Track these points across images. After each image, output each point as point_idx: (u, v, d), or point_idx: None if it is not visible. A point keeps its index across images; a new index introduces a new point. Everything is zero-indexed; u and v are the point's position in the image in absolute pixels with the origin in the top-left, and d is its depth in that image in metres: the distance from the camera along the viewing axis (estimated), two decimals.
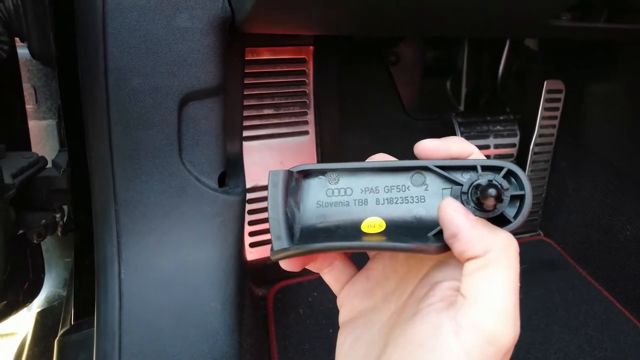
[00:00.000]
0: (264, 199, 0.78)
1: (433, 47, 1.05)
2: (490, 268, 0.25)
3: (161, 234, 0.51)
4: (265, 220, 0.79)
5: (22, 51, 0.54)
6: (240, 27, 0.47)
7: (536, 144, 0.99)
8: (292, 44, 0.77)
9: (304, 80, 0.78)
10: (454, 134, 0.97)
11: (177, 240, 0.51)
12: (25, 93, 0.59)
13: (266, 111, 0.76)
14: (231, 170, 0.57)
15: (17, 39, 0.52)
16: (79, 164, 0.57)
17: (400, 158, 0.30)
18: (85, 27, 0.42)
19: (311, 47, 0.79)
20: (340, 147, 0.92)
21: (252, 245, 0.78)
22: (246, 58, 0.74)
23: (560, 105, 1.00)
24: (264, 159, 0.77)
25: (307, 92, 0.79)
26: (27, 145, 0.61)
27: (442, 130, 1.03)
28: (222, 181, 0.53)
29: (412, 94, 1.05)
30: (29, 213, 0.58)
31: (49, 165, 0.59)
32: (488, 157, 0.96)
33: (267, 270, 0.81)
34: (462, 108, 1.06)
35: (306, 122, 0.79)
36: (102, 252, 0.50)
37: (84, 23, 0.42)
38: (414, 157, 0.30)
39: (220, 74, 0.47)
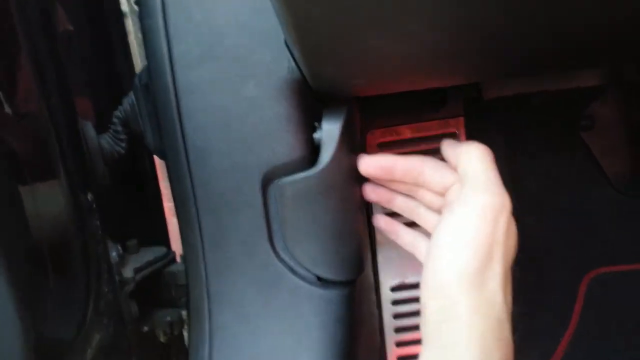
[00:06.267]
0: (415, 300, 0.65)
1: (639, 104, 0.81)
2: None
3: (255, 335, 0.44)
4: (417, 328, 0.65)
5: None
6: (323, 88, 0.41)
7: None
8: (436, 117, 0.67)
9: None
10: None
11: (272, 345, 0.44)
12: (165, 191, 0.62)
13: None
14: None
15: None
16: None
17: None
18: (163, 109, 0.42)
19: (461, 119, 0.68)
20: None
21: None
22: (384, 140, 0.67)
23: None
24: None
25: None
26: (166, 242, 0.63)
27: None
28: None
29: (618, 164, 0.81)
30: (156, 310, 0.58)
31: (179, 260, 0.60)
32: None
33: None
34: None
35: None
36: (194, 357, 0.45)
37: (161, 105, 0.42)
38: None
39: (302, 145, 0.41)
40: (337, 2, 0.26)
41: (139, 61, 0.57)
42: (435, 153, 0.67)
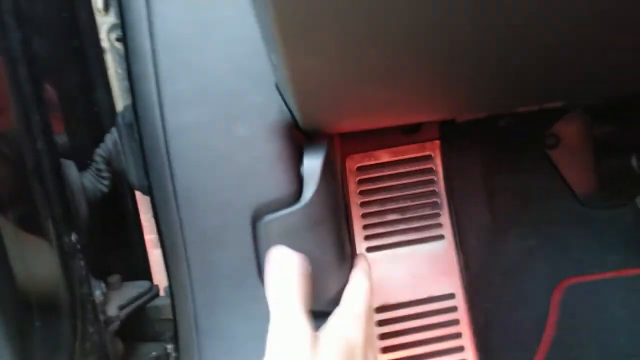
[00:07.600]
0: (398, 319, 0.66)
1: (602, 121, 0.86)
2: None
3: None
4: (405, 346, 0.66)
5: None
6: (312, 128, 0.42)
7: None
8: (413, 141, 0.69)
9: (432, 179, 0.69)
10: None
11: None
12: (146, 223, 0.61)
13: (390, 217, 0.68)
14: None
15: None
16: None
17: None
18: (151, 149, 0.42)
19: (437, 142, 0.70)
20: (492, 250, 0.77)
21: None
22: (363, 164, 0.69)
23: None
24: (392, 272, 0.67)
25: (437, 190, 0.69)
26: (148, 275, 0.62)
27: (636, 219, 0.81)
28: None
29: (584, 179, 0.85)
30: (140, 345, 0.57)
31: (162, 293, 0.59)
32: None
33: None
34: None
35: (439, 225, 0.68)
36: None
37: (149, 146, 0.42)
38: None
39: (292, 182, 0.42)
40: (336, 56, 0.28)
41: (117, 95, 0.56)
42: (412, 175, 0.69)
